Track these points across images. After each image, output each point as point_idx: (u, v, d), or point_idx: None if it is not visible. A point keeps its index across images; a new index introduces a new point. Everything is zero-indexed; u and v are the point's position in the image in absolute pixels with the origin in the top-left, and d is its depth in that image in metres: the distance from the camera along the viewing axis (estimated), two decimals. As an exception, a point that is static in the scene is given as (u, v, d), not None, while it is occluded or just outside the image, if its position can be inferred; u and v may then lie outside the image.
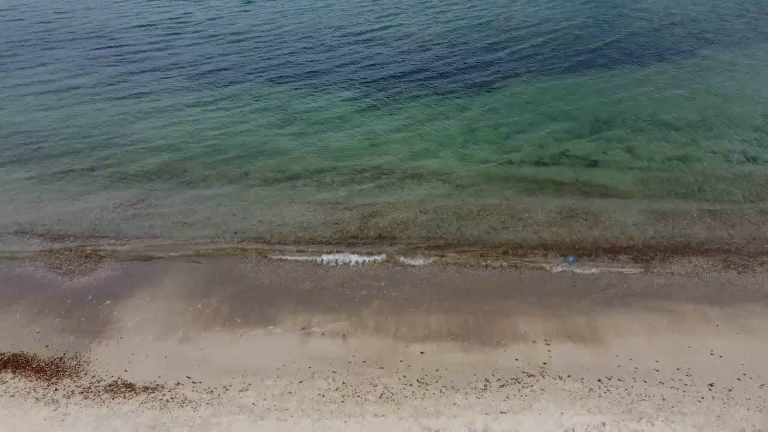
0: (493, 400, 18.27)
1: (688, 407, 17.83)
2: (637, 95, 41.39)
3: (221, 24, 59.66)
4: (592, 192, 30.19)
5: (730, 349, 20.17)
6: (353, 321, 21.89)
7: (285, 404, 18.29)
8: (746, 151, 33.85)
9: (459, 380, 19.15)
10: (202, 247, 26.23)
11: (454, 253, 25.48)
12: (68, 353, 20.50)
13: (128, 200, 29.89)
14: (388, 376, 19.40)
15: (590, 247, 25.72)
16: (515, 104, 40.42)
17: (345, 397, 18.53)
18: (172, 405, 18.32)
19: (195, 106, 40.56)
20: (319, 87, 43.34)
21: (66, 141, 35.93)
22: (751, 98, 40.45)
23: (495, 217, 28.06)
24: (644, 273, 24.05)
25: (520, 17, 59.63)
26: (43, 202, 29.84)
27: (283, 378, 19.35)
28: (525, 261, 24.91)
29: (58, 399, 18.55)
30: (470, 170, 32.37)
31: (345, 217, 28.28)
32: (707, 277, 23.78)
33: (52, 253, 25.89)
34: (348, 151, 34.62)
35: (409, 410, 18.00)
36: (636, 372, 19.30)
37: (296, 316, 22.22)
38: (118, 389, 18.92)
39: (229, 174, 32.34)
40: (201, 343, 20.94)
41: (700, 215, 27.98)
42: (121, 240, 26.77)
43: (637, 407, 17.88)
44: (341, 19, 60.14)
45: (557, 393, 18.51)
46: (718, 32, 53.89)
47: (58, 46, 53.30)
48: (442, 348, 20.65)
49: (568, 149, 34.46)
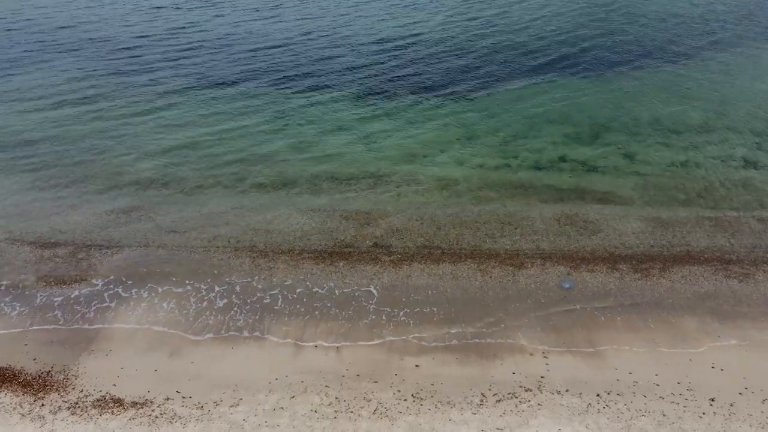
0: (489, 416, 17.85)
1: (689, 424, 17.41)
2: (637, 99, 41.03)
3: (214, 31, 59.31)
4: (591, 199, 29.79)
5: (731, 362, 19.75)
6: (346, 333, 21.48)
7: (276, 420, 17.87)
8: (747, 156, 33.45)
9: (455, 395, 18.73)
10: (195, 255, 25.81)
11: (450, 262, 25.05)
12: (56, 367, 20.07)
13: (121, 208, 29.46)
14: (382, 390, 18.98)
15: (589, 257, 25.29)
16: (514, 109, 40.02)
17: (338, 413, 18.11)
18: (161, 421, 17.89)
19: (190, 112, 40.13)
20: (317, 93, 42.94)
21: (59, 147, 35.50)
22: (752, 101, 40.06)
23: (492, 225, 27.64)
24: (644, 283, 23.62)
25: (518, 21, 59.30)
26: (35, 210, 29.39)
27: (274, 392, 18.93)
28: (522, 271, 24.48)
29: (44, 415, 18.12)
30: (468, 176, 31.97)
31: (340, 225, 27.85)
32: (708, 287, 23.36)
33: (42, 262, 25.47)
34: (344, 156, 34.21)
35: (403, 426, 17.58)
36: (635, 386, 18.88)
37: (289, 327, 21.80)
38: (106, 404, 18.50)
39: (223, 181, 31.93)
40: (191, 357, 20.52)
41: (700, 223, 27.57)
42: (113, 249, 26.34)
43: (637, 423, 17.45)
44: (335, 25, 59.78)
45: (555, 408, 18.09)
46: (719, 35, 53.51)
47: (54, 54, 52.95)
48: (438, 361, 20.23)
49: (567, 154, 34.07)
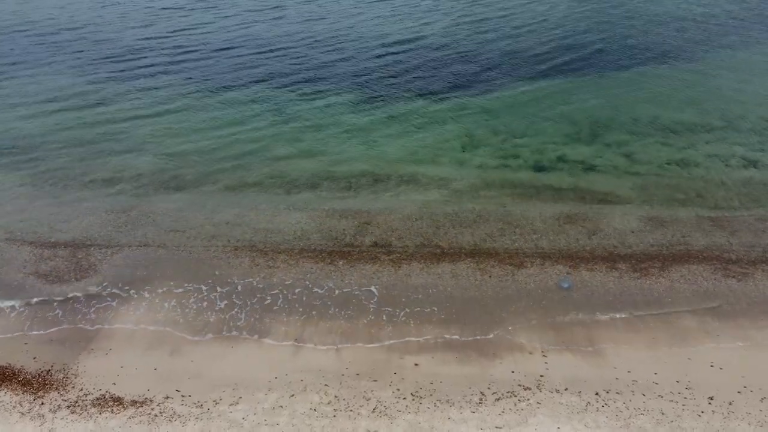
0: (488, 415, 17.88)
1: (688, 422, 17.43)
2: (636, 99, 41.03)
3: (215, 33, 59.32)
4: (590, 198, 29.82)
5: (730, 360, 19.78)
6: (346, 332, 21.51)
7: (275, 419, 17.89)
8: (746, 155, 33.46)
9: (454, 393, 18.75)
10: (195, 255, 25.83)
11: (450, 261, 25.08)
12: (56, 365, 20.11)
13: (121, 207, 29.49)
14: (382, 389, 19.00)
15: (588, 256, 25.32)
16: (514, 108, 40.05)
17: (337, 411, 18.14)
18: (160, 420, 17.92)
19: (190, 112, 40.17)
20: (317, 93, 42.94)
21: (59, 147, 35.53)
22: (751, 101, 40.07)
23: (492, 225, 27.68)
24: (643, 282, 23.65)
25: (517, 21, 59.28)
26: (35, 209, 29.42)
27: (274, 391, 18.96)
28: (522, 270, 24.51)
29: (44, 413, 18.15)
30: (468, 176, 32.01)
31: (340, 224, 27.89)
32: (707, 286, 23.39)
33: (42, 261, 25.50)
34: (345, 157, 34.23)
35: (402, 425, 17.61)
36: (635, 384, 18.91)
37: (289, 326, 21.84)
38: (105, 403, 18.52)
39: (223, 180, 31.95)
40: (191, 356, 20.55)
41: (699, 222, 27.59)
42: (113, 248, 26.36)
43: (635, 422, 17.48)
44: (335, 26, 59.78)
45: (554, 407, 18.12)
46: (718, 34, 53.52)
47: (54, 55, 52.94)
48: (437, 359, 20.26)
49: (566, 154, 34.10)
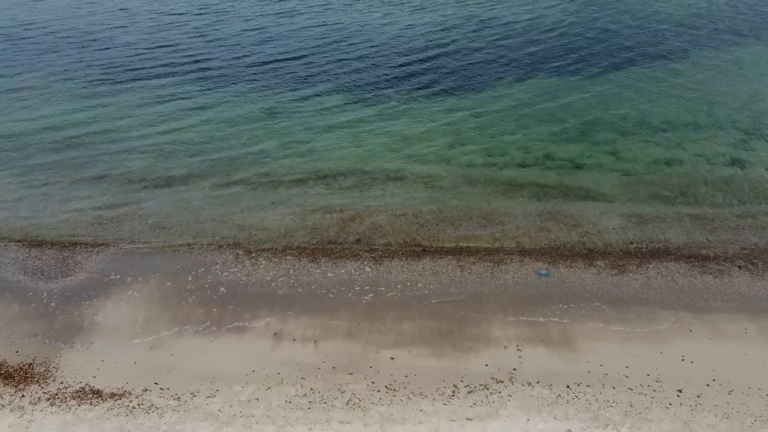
0: (459, 407, 18.17)
1: (655, 414, 17.71)
2: (625, 97, 41.26)
3: (205, 27, 59.65)
4: (573, 195, 30.09)
5: (701, 354, 20.04)
6: (325, 326, 21.81)
7: (251, 411, 18.21)
8: (731, 153, 33.68)
9: (427, 386, 19.05)
10: (179, 252, 26.17)
11: (431, 257, 25.38)
12: (38, 359, 20.46)
13: (107, 204, 29.85)
14: (357, 382, 19.31)
15: (568, 253, 25.61)
16: (502, 106, 40.29)
17: (312, 403, 18.45)
18: (138, 411, 18.26)
19: (179, 110, 40.51)
20: (304, 90, 43.25)
21: (47, 144, 35.91)
22: (739, 100, 40.26)
23: (474, 221, 27.97)
24: (621, 278, 23.91)
25: (506, 19, 59.44)
26: (22, 205, 29.82)
27: (251, 384, 19.28)
28: (502, 266, 24.78)
29: (24, 406, 18.50)
30: (453, 173, 32.28)
31: (324, 221, 28.21)
32: (683, 282, 23.64)
33: (27, 257, 25.87)
34: (331, 154, 34.55)
35: (375, 417, 17.92)
36: (605, 378, 19.19)
37: (269, 320, 22.15)
38: (85, 395, 18.86)
39: (210, 177, 32.28)
40: (172, 349, 20.88)
41: (680, 219, 27.85)
42: (98, 245, 26.71)
43: (604, 414, 17.76)
44: (324, 23, 60.05)
45: (525, 399, 18.40)
46: (708, 34, 53.68)
47: (45, 53, 53.34)
48: (413, 353, 20.56)
49: (552, 152, 34.36)
